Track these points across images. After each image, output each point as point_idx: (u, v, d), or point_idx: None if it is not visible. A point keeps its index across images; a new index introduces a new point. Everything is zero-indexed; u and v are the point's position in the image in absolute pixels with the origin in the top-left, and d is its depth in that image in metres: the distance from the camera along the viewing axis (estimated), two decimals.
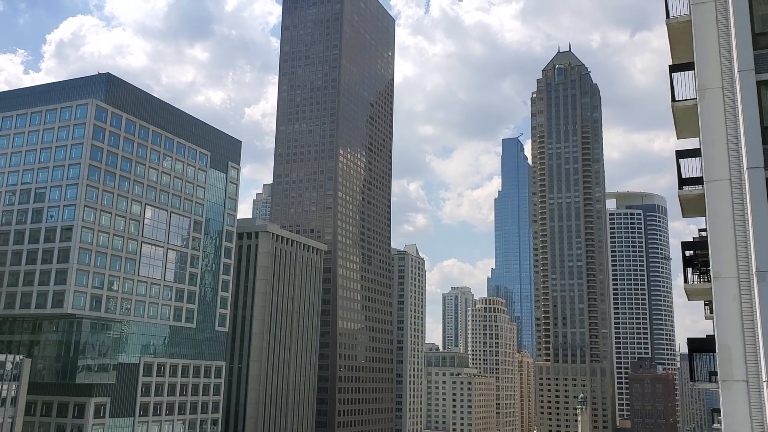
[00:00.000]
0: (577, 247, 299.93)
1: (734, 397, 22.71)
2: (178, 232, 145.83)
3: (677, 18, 27.37)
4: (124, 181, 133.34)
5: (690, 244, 30.17)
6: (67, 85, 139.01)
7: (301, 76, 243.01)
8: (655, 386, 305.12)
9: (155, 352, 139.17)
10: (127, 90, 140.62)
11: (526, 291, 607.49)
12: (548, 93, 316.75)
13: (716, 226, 23.98)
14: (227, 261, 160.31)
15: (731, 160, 24.06)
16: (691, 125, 27.80)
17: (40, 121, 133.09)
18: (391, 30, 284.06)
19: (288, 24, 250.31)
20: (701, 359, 29.34)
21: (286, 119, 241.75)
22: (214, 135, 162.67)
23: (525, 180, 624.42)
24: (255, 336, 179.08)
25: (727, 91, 24.67)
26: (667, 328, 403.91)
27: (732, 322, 23.04)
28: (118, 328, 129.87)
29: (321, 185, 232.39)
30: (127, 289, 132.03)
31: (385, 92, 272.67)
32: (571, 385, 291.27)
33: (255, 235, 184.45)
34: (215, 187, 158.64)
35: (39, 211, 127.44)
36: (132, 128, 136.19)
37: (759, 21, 24.20)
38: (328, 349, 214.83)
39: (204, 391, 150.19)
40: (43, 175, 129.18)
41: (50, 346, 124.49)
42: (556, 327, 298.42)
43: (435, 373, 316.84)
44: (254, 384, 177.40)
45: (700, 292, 29.12)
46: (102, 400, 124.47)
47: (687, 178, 27.91)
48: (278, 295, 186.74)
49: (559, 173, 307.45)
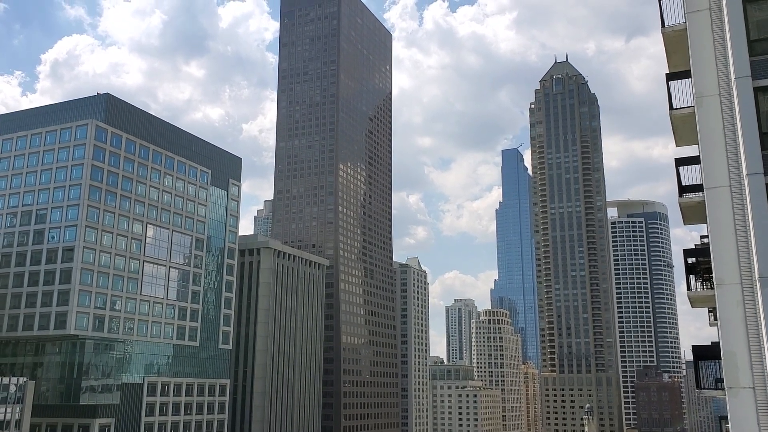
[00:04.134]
0: (579, 256, 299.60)
1: (741, 404, 22.60)
2: (179, 250, 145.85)
3: (673, 27, 27.50)
4: (125, 201, 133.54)
5: (692, 252, 30.16)
6: (67, 106, 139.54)
7: (300, 93, 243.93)
8: (661, 394, 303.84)
9: (159, 371, 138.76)
10: (126, 110, 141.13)
11: (530, 302, 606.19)
12: (546, 103, 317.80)
13: (717, 233, 23.97)
14: (229, 278, 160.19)
15: (731, 166, 24.09)
16: (689, 133, 27.87)
17: (41, 143, 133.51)
18: (388, 44, 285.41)
19: (286, 41, 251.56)
20: (707, 366, 29.25)
21: (286, 135, 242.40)
22: (214, 152, 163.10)
23: (525, 190, 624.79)
24: (259, 353, 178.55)
25: (725, 98, 24.74)
26: (671, 335, 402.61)
27: (736, 329, 22.98)
28: (121, 348, 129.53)
29: (322, 200, 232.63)
30: (130, 309, 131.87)
31: (384, 106, 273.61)
32: (577, 396, 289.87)
33: (257, 251, 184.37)
34: (216, 204, 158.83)
35: (40, 233, 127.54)
36: (132, 148, 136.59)
37: (754, 27, 24.31)
38: (332, 365, 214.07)
39: (209, 410, 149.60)
40: (44, 196, 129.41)
41: (53, 367, 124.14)
42: (560, 337, 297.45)
43: (440, 386, 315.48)
44: (259, 401, 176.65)
45: (703, 299, 29.06)
46: (106, 421, 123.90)
47: (687, 186, 27.94)
48: (281, 311, 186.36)
49: (560, 183, 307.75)
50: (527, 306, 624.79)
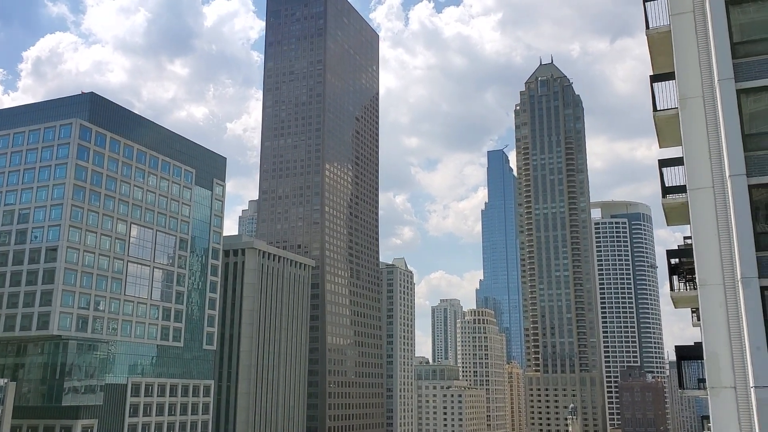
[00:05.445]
0: (563, 256, 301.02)
1: (723, 404, 22.79)
2: (164, 250, 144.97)
3: (657, 29, 27.68)
4: (109, 200, 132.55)
5: (675, 252, 30.35)
6: (51, 105, 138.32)
7: (286, 92, 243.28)
8: (644, 394, 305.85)
9: (143, 372, 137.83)
10: (110, 109, 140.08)
11: (515, 302, 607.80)
12: (531, 105, 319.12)
13: (700, 234, 24.14)
14: (214, 279, 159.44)
15: (714, 168, 24.27)
16: (673, 134, 28.04)
17: (23, 142, 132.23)
18: (374, 44, 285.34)
19: (272, 40, 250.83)
20: (690, 366, 29.43)
21: (272, 135, 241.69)
22: (199, 152, 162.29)
23: (511, 191, 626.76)
24: (243, 354, 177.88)
25: (708, 100, 24.93)
26: (655, 336, 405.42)
27: (719, 329, 23.15)
28: (104, 348, 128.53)
29: (308, 200, 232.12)
30: (114, 309, 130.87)
31: (370, 106, 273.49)
32: (561, 396, 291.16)
33: (242, 252, 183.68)
34: (200, 204, 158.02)
35: (23, 233, 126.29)
36: (116, 147, 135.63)
37: (737, 30, 24.52)
38: (318, 365, 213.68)
39: (193, 411, 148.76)
40: (27, 195, 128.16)
41: (35, 368, 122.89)
42: (544, 337, 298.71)
43: (425, 386, 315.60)
44: (243, 402, 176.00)
45: (686, 300, 29.26)
46: (89, 422, 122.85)
47: (670, 187, 28.11)
48: (266, 312, 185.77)
49: (544, 184, 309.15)
50: (512, 306, 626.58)
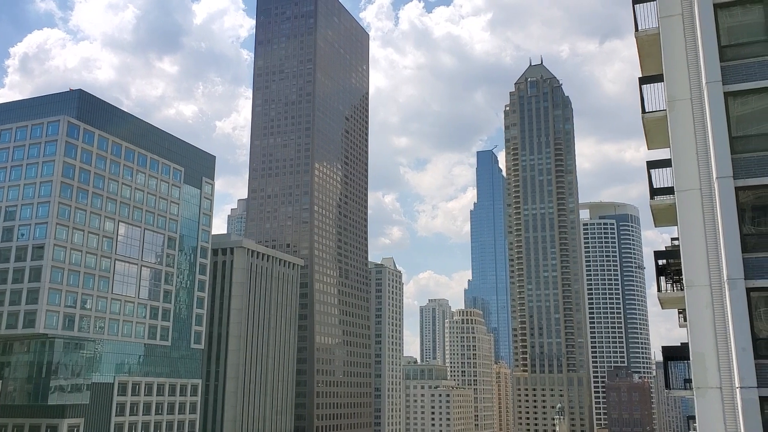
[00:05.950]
0: (552, 257, 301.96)
1: (709, 404, 22.95)
2: (152, 248, 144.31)
3: (646, 31, 27.84)
4: (97, 198, 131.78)
5: (662, 253, 30.52)
6: (38, 102, 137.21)
7: (276, 91, 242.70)
8: (631, 395, 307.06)
9: (130, 370, 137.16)
10: (99, 106, 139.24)
11: (503, 302, 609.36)
12: (521, 106, 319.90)
13: (688, 235, 24.31)
14: (202, 277, 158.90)
15: (701, 169, 24.45)
16: (661, 136, 28.22)
17: (11, 139, 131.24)
18: (365, 44, 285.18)
19: (262, 39, 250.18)
20: (676, 367, 29.62)
21: (261, 133, 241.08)
22: (188, 150, 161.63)
23: (500, 191, 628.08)
24: (231, 353, 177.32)
25: (696, 102, 25.11)
26: (642, 336, 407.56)
27: (705, 330, 23.32)
28: (91, 347, 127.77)
29: (297, 199, 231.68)
30: (101, 308, 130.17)
31: (360, 106, 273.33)
32: (549, 396, 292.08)
33: (230, 250, 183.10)
34: (189, 202, 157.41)
35: (10, 230, 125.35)
36: (104, 144, 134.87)
37: (725, 33, 24.71)
38: (306, 365, 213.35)
39: (180, 410, 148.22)
40: (14, 193, 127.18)
41: (21, 367, 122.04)
42: (532, 337, 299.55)
43: (413, 386, 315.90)
44: (231, 401, 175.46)
45: (673, 301, 29.44)
46: (75, 421, 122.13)
47: (658, 188, 28.28)
48: (254, 311, 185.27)
49: (533, 185, 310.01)
50: (500, 306, 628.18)
